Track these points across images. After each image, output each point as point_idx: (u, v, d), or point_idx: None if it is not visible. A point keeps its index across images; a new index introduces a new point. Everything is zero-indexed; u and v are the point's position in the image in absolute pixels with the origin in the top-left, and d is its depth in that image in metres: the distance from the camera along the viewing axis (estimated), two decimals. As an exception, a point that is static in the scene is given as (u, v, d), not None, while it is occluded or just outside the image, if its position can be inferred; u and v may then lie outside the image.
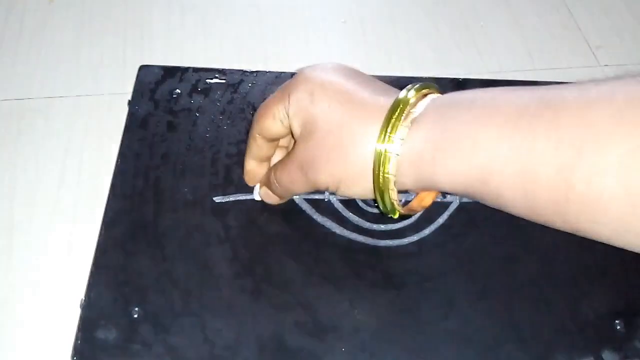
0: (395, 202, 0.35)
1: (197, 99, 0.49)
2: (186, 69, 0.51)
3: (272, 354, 0.37)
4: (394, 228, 0.43)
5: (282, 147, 0.42)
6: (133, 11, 0.61)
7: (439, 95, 0.35)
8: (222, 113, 0.48)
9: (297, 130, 0.36)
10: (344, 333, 0.38)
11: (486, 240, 0.43)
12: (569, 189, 0.28)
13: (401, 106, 0.33)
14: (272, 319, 0.38)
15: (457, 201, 0.44)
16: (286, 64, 0.53)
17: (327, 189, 0.36)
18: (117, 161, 0.45)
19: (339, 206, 0.44)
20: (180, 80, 0.50)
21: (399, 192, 0.34)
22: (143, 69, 0.50)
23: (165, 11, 0.61)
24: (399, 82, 0.52)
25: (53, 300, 0.42)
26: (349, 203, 0.44)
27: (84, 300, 0.38)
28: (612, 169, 0.26)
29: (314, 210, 0.43)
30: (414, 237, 0.42)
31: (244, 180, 0.43)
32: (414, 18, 0.63)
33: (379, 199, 0.35)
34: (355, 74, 0.37)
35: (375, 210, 0.43)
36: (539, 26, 0.64)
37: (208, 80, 0.50)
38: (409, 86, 0.34)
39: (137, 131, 0.47)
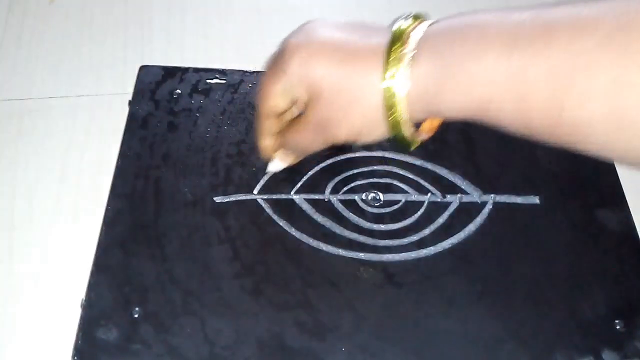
0: (411, 136, 0.36)
1: (198, 99, 0.49)
2: (186, 69, 0.51)
3: (272, 353, 0.37)
4: (394, 228, 0.43)
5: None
6: (133, 11, 0.61)
7: (430, 23, 0.35)
8: (222, 113, 0.48)
9: (303, 98, 0.37)
10: (344, 333, 0.38)
11: (486, 240, 0.43)
12: (561, 112, 0.30)
13: (397, 45, 0.33)
14: (272, 319, 0.38)
15: (457, 201, 0.44)
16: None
17: (345, 142, 0.37)
18: (117, 161, 0.45)
19: (339, 206, 0.44)
20: (181, 80, 0.50)
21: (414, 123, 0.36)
22: (143, 69, 0.51)
23: (166, 11, 0.61)
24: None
25: (54, 300, 0.42)
26: (349, 203, 0.44)
27: (85, 300, 0.38)
28: (600, 95, 0.28)
29: (314, 210, 0.43)
30: (414, 237, 0.42)
31: (261, 156, 0.43)
32: (414, 18, 0.63)
33: (395, 137, 0.36)
34: (338, 24, 0.37)
35: (375, 210, 0.44)
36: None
37: (208, 81, 0.50)
38: (399, 20, 0.35)
39: (138, 131, 0.47)
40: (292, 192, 0.44)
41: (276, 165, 0.44)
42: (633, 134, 0.28)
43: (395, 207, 0.44)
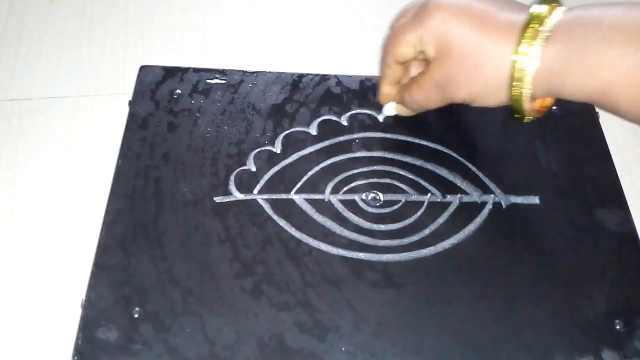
0: (528, 109, 0.39)
1: (198, 100, 0.49)
2: (186, 70, 0.51)
3: (272, 353, 0.37)
4: (394, 228, 0.43)
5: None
6: (133, 11, 0.61)
7: (566, 9, 0.37)
8: (222, 113, 0.48)
9: (431, 54, 0.40)
10: (344, 333, 0.38)
11: (486, 240, 0.43)
12: None
13: (534, 23, 0.37)
14: (272, 319, 0.38)
15: (457, 201, 0.44)
16: (286, 64, 0.53)
17: (462, 102, 0.41)
18: (117, 161, 0.45)
19: (339, 206, 0.44)
20: (181, 80, 0.50)
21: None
22: (143, 69, 0.51)
23: (166, 11, 0.61)
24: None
25: (54, 300, 0.42)
26: (349, 203, 0.44)
27: (85, 300, 0.38)
28: None
29: (314, 210, 0.43)
30: (414, 237, 0.42)
31: (379, 100, 0.47)
32: (414, 18, 0.63)
33: (514, 108, 0.39)
34: None
35: (375, 210, 0.44)
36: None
37: (208, 81, 0.50)
38: (535, 3, 0.38)
39: (138, 131, 0.47)
40: (292, 192, 0.44)
41: (390, 110, 0.47)
42: None
43: (395, 207, 0.44)
